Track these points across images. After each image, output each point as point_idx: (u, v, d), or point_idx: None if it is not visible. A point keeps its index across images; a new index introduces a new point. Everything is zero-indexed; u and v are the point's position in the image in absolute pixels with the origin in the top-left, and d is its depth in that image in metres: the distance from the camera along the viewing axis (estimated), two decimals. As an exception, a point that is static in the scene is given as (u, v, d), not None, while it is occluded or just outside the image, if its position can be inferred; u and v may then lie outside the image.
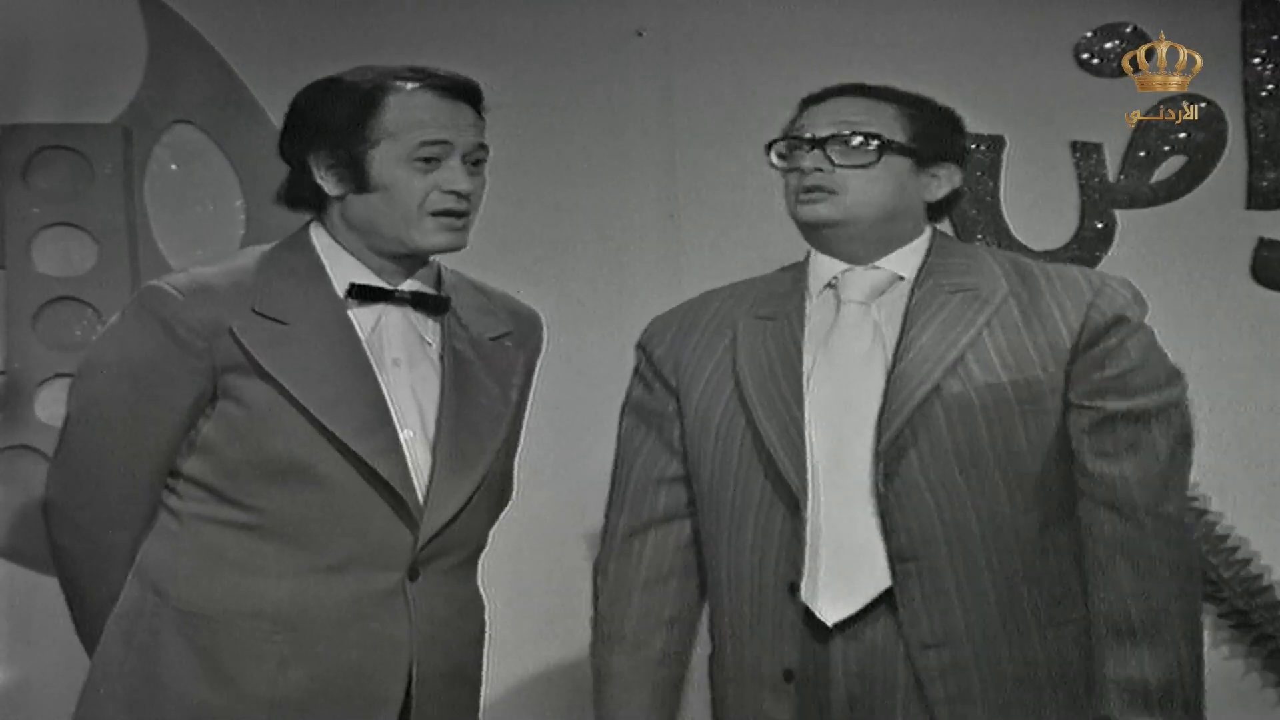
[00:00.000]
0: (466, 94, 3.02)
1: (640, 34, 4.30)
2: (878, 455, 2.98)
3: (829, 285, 3.14)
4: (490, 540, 3.18)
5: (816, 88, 3.22)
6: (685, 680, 3.18)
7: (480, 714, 3.13)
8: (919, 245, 3.15)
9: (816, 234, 3.13)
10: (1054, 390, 3.01)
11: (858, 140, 3.09)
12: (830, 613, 2.99)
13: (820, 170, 3.08)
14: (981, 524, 2.98)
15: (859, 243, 3.11)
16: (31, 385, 4.12)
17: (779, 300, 3.16)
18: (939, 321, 3.05)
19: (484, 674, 3.12)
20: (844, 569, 2.99)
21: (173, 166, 4.27)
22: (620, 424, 3.26)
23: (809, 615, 3.00)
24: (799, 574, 2.99)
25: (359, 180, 2.98)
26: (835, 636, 3.00)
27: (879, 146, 3.08)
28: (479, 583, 3.12)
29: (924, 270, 3.11)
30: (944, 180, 3.16)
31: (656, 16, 4.30)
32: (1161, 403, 3.05)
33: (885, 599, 2.99)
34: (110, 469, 2.97)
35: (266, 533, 2.93)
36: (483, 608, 3.11)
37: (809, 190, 3.10)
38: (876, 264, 3.12)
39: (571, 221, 4.28)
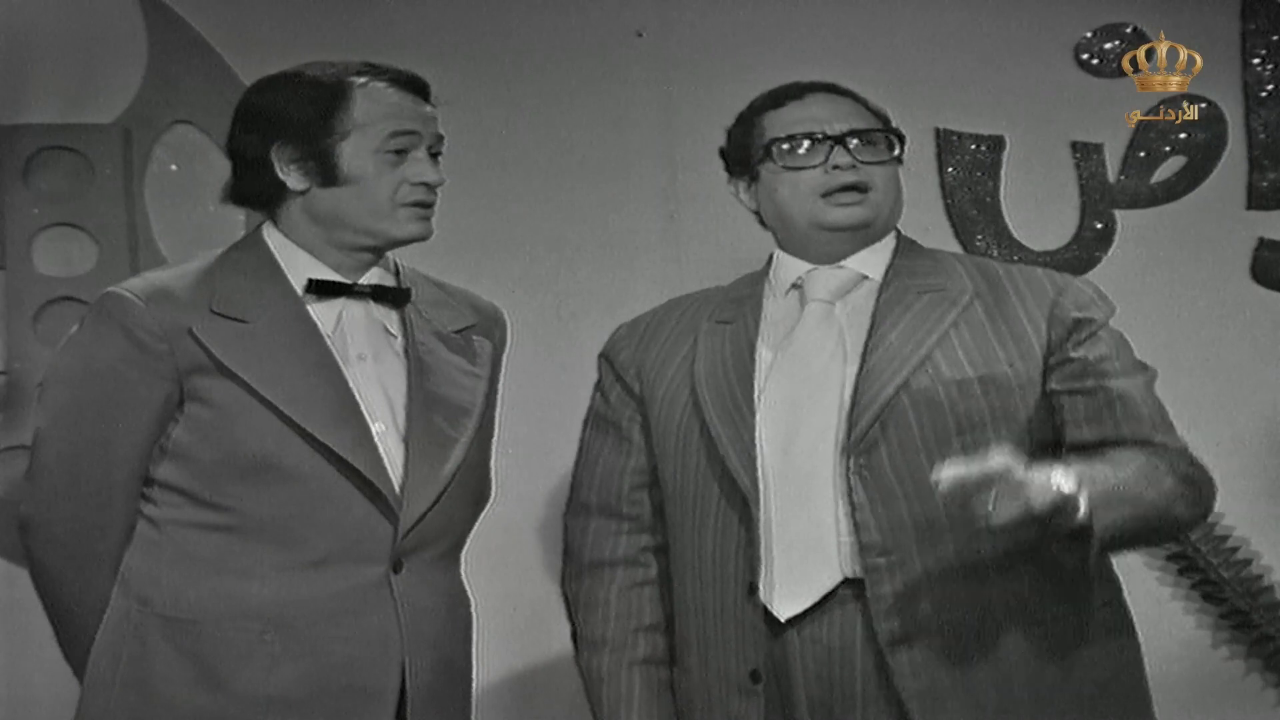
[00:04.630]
0: (421, 88, 3.05)
1: (640, 35, 4.30)
2: (847, 450, 2.96)
3: (794, 286, 3.14)
4: (479, 539, 3.19)
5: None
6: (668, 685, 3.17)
7: (473, 709, 3.13)
8: (884, 245, 3.15)
9: (837, 236, 3.11)
10: (1022, 387, 3.01)
11: (873, 135, 3.09)
12: (783, 609, 2.98)
13: (853, 167, 3.07)
14: (950, 519, 2.94)
15: (860, 241, 3.11)
16: (32, 385, 4.11)
17: (737, 305, 3.16)
18: (907, 320, 3.05)
19: (474, 669, 3.12)
20: (797, 565, 2.98)
21: (173, 167, 4.28)
22: (582, 431, 3.27)
23: (770, 615, 2.99)
24: (756, 574, 2.99)
25: (327, 174, 2.99)
26: (794, 635, 2.99)
27: (899, 141, 3.11)
28: (464, 578, 3.12)
29: (891, 270, 3.12)
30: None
31: (656, 17, 4.30)
32: (1141, 384, 3.05)
33: (843, 595, 2.98)
34: (85, 479, 2.97)
35: (245, 533, 2.94)
36: (469, 601, 3.12)
37: (846, 190, 3.07)
38: (843, 264, 3.12)
39: (572, 221, 4.28)
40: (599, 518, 3.17)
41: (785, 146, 3.10)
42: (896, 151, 3.11)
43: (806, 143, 3.08)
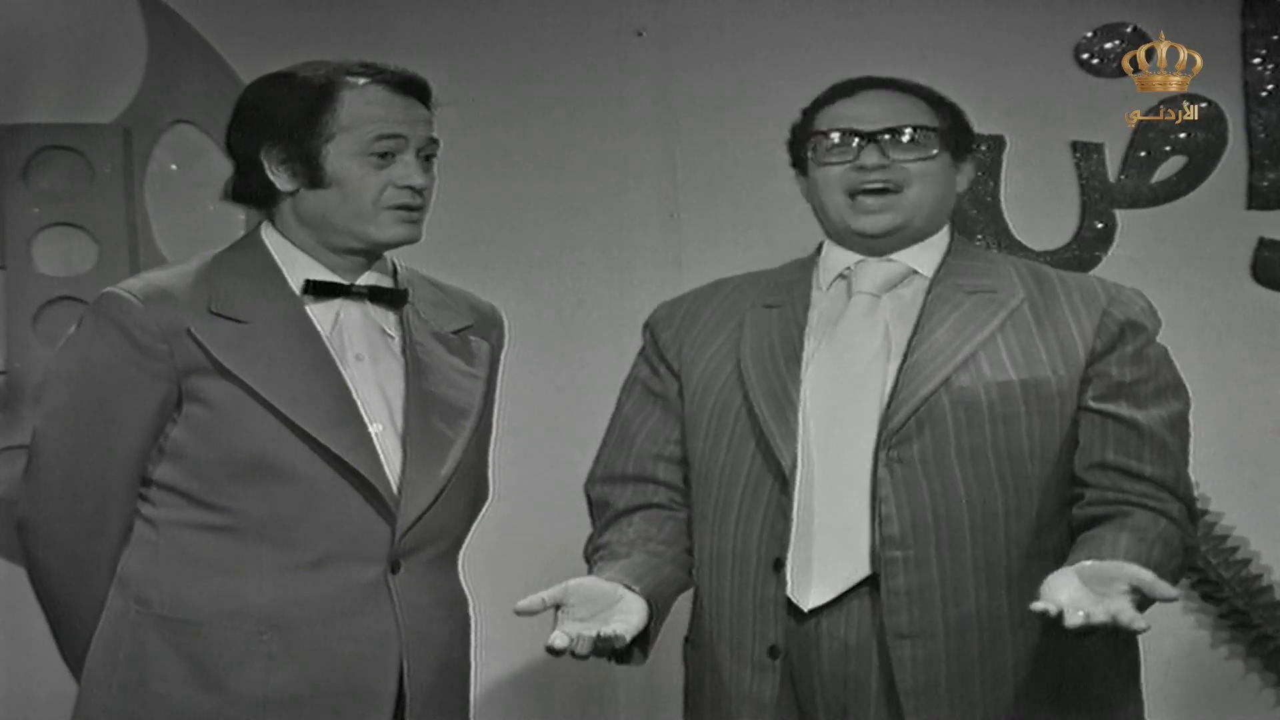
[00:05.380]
0: (417, 89, 3.03)
1: (640, 34, 4.30)
2: (881, 443, 2.97)
3: (841, 276, 3.13)
4: (481, 540, 3.19)
5: (816, 87, 3.20)
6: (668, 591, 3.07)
7: (471, 709, 3.13)
8: (938, 242, 3.14)
9: (866, 240, 3.10)
10: (1063, 393, 3.01)
11: (911, 133, 3.07)
12: (807, 599, 2.98)
13: (883, 167, 3.06)
14: (974, 520, 2.96)
15: (909, 240, 3.11)
16: (32, 385, 4.11)
17: (786, 289, 3.16)
18: (954, 319, 3.04)
19: (472, 670, 3.13)
20: (825, 555, 2.98)
21: (173, 166, 4.28)
22: (622, 399, 3.24)
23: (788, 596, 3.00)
24: (784, 550, 2.99)
25: (312, 175, 2.98)
26: (813, 624, 2.99)
27: (938, 138, 3.08)
28: (461, 579, 3.12)
29: (943, 268, 3.11)
30: (966, 175, 3.16)
31: (656, 16, 4.30)
32: (1170, 416, 3.04)
33: (864, 589, 2.97)
34: (83, 479, 2.96)
35: (243, 533, 2.93)
36: (467, 602, 3.12)
37: (872, 193, 3.06)
38: (892, 257, 3.11)
39: (572, 221, 4.28)
40: (634, 484, 3.17)
41: (821, 142, 3.10)
42: (934, 151, 3.08)
43: (837, 137, 3.08)
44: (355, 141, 2.97)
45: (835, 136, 3.08)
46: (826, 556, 2.98)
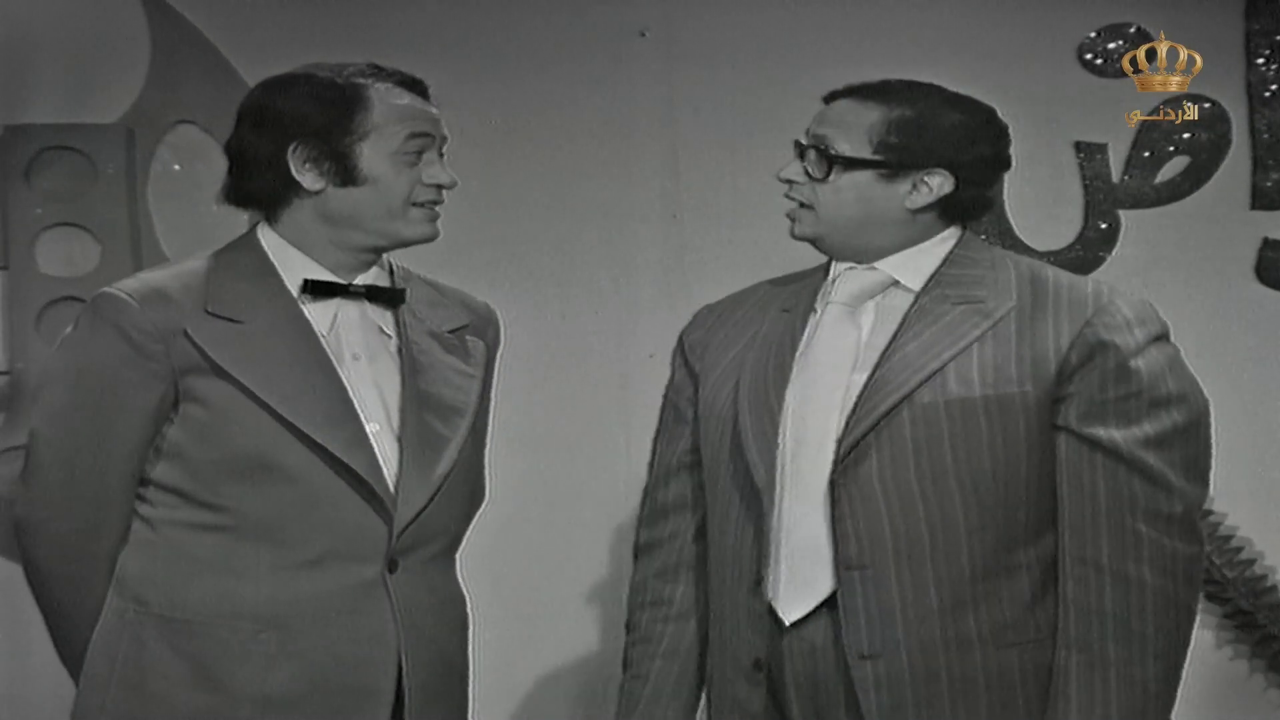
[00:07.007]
0: (424, 90, 3.05)
1: (643, 34, 4.31)
2: (836, 459, 2.95)
3: (832, 283, 3.10)
4: (480, 542, 3.19)
5: (817, 87, 3.19)
6: (697, 674, 3.15)
7: (470, 709, 3.13)
8: (934, 249, 3.05)
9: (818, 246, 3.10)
10: (1028, 409, 2.93)
11: (814, 153, 3.01)
12: (787, 612, 2.98)
13: (796, 183, 3.03)
14: (934, 537, 2.92)
15: (850, 250, 3.05)
16: (34, 386, 4.12)
17: (801, 294, 3.12)
18: (930, 333, 2.97)
19: (470, 668, 3.12)
20: (798, 569, 2.97)
21: (176, 166, 4.29)
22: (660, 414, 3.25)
23: (774, 609, 2.99)
24: (764, 566, 2.98)
25: (346, 174, 2.98)
26: (790, 633, 2.98)
27: (828, 161, 3.01)
28: (459, 578, 3.12)
29: (934, 279, 3.03)
30: (933, 187, 3.01)
31: (659, 17, 4.31)
32: (1158, 432, 2.94)
33: (835, 600, 2.95)
34: (80, 479, 2.96)
35: (241, 533, 2.93)
36: (464, 600, 3.12)
37: (790, 200, 3.05)
38: (874, 265, 3.05)
39: (574, 222, 4.29)
40: (649, 498, 3.18)
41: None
42: (820, 175, 3.00)
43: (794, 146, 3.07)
44: (389, 141, 2.98)
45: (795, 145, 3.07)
46: (800, 571, 2.97)
